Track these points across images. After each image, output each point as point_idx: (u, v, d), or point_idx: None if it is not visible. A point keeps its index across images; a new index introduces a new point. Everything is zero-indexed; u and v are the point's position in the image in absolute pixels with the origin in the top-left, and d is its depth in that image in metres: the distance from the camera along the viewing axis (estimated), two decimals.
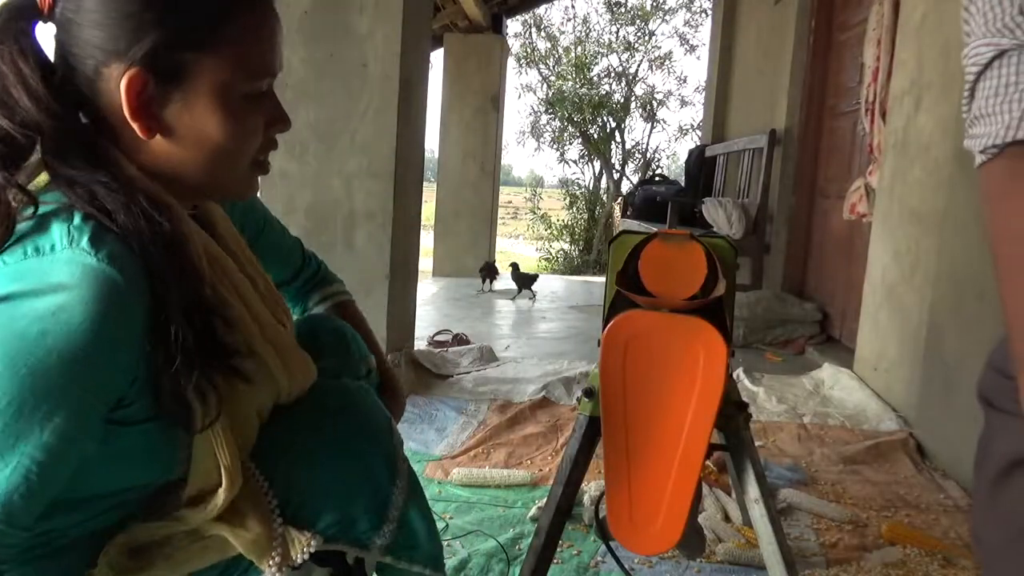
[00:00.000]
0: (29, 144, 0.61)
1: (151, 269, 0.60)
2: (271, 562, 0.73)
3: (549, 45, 13.42)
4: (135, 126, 0.63)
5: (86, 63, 0.62)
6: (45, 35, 0.64)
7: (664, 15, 13.20)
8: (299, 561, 0.74)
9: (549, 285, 6.15)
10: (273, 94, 0.71)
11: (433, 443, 2.15)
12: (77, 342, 0.56)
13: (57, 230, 0.58)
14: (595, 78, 13.19)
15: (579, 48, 13.27)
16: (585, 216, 13.19)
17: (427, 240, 4.88)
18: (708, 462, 1.85)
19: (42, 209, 0.59)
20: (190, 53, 0.63)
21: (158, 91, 0.63)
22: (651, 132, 13.74)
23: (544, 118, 13.59)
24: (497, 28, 6.27)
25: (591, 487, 1.74)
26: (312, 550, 0.75)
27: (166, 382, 0.62)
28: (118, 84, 0.61)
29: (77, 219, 0.58)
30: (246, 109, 0.67)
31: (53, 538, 0.68)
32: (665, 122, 13.67)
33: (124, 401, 0.63)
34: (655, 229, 1.31)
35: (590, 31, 13.32)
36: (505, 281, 6.24)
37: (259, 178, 0.75)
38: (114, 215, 0.59)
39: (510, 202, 21.17)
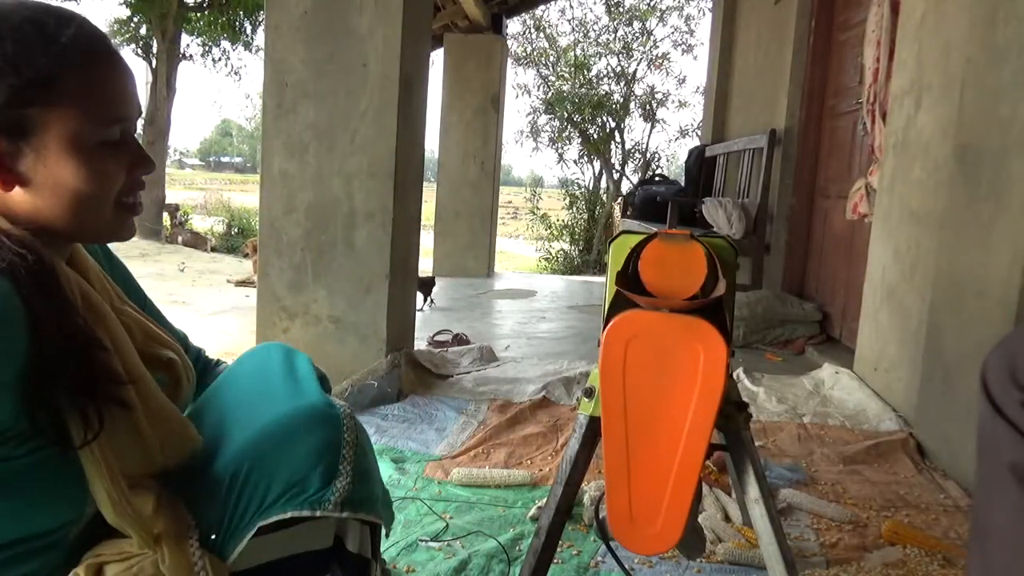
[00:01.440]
0: None
1: (26, 299, 0.63)
2: None
3: (548, 45, 13.42)
4: None
5: None
6: None
7: (662, 15, 13.20)
8: None
9: (549, 285, 6.15)
10: (133, 138, 0.74)
11: (433, 443, 2.15)
12: None
13: None
14: (594, 78, 13.20)
15: (578, 48, 13.27)
16: (585, 216, 13.20)
17: (427, 240, 4.88)
18: (708, 462, 1.85)
19: None
20: (33, 108, 0.66)
21: (9, 147, 0.66)
22: (651, 132, 13.75)
23: (543, 118, 13.60)
24: (497, 28, 6.27)
25: (591, 487, 1.74)
26: None
27: (42, 401, 0.64)
28: None
29: None
30: (101, 155, 0.70)
31: None
32: (665, 122, 13.64)
33: (6, 433, 0.64)
34: (655, 229, 1.31)
35: (589, 31, 13.32)
36: (506, 281, 6.23)
37: (133, 219, 0.77)
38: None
39: (510, 202, 21.17)
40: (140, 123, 0.80)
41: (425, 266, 5.59)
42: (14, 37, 0.65)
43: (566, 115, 13.05)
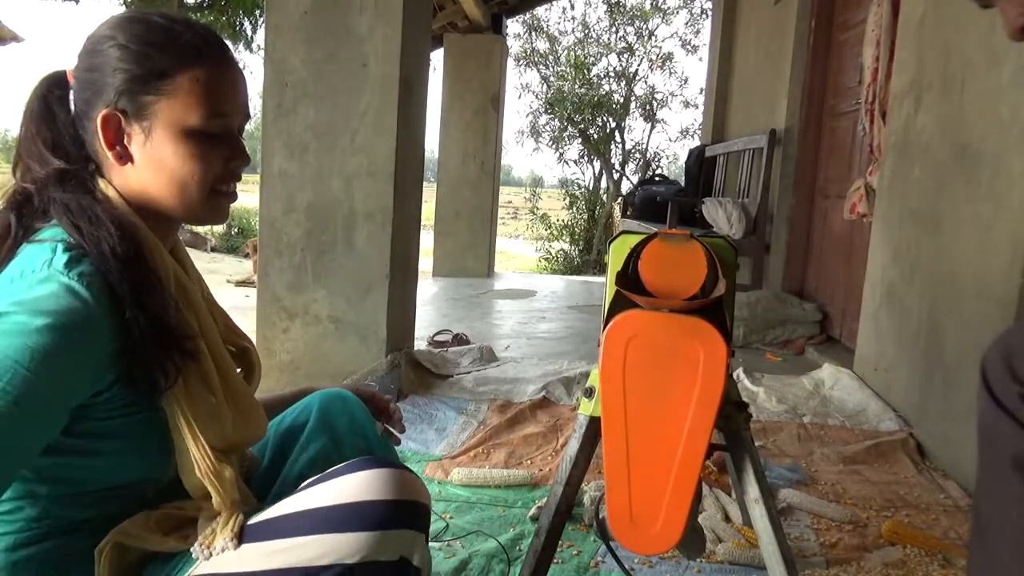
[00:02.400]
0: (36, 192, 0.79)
1: (111, 279, 0.74)
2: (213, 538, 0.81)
3: (549, 45, 13.42)
4: (110, 155, 0.80)
5: (83, 112, 0.81)
6: None
7: (664, 16, 13.21)
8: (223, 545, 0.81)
9: (549, 285, 6.15)
10: (235, 134, 0.86)
11: (433, 443, 2.15)
12: (51, 340, 0.69)
13: (44, 259, 0.73)
14: (595, 78, 13.20)
15: (579, 48, 13.27)
16: (585, 216, 13.20)
17: (427, 240, 4.88)
18: (708, 462, 1.85)
19: (39, 238, 0.76)
20: (148, 96, 0.79)
21: (126, 127, 0.80)
22: (651, 132, 13.75)
23: (544, 118, 13.60)
24: (497, 28, 6.27)
25: (591, 487, 1.74)
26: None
27: (133, 360, 0.76)
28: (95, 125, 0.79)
29: (59, 249, 0.74)
30: (200, 144, 0.81)
31: (65, 523, 0.81)
32: (665, 122, 13.67)
33: (101, 394, 0.76)
34: (655, 229, 1.31)
35: (589, 31, 13.32)
36: (506, 281, 6.24)
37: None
38: (83, 230, 0.75)
39: (510, 202, 21.18)
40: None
41: (425, 266, 5.59)
42: (145, 37, 0.79)
43: (566, 115, 13.05)
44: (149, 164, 0.80)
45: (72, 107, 0.82)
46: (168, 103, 0.79)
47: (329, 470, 0.84)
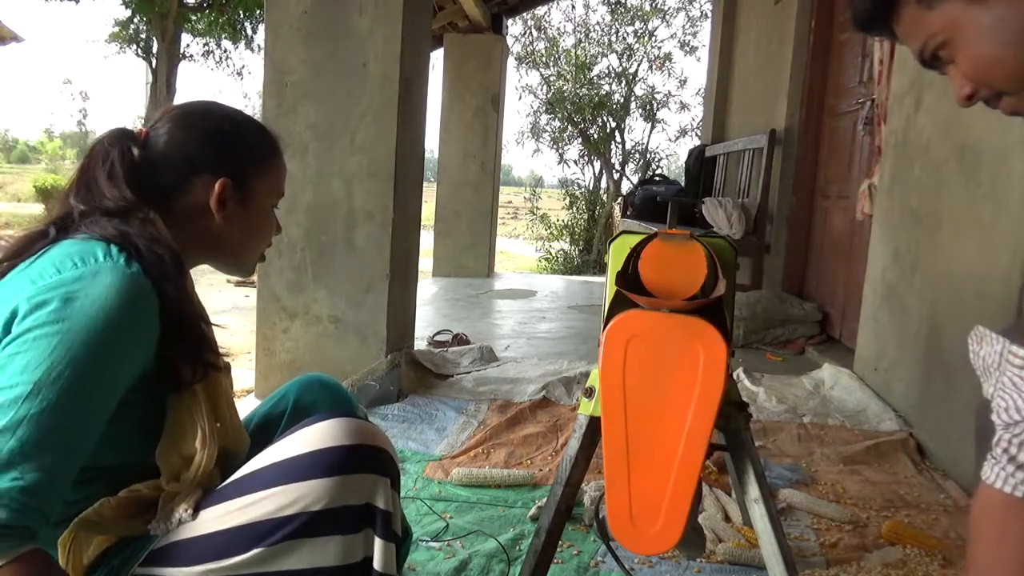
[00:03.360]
0: (85, 212, 0.88)
1: (157, 285, 0.84)
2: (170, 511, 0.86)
3: (549, 45, 13.42)
4: (216, 212, 0.95)
5: (174, 170, 0.94)
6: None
7: (664, 16, 13.20)
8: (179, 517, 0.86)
9: (549, 285, 6.15)
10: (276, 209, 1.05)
11: (433, 443, 2.15)
12: (114, 317, 0.77)
13: (101, 252, 0.82)
14: (595, 78, 13.19)
15: (579, 48, 13.27)
16: (585, 216, 13.19)
17: (427, 240, 4.88)
18: (708, 462, 1.85)
19: (83, 238, 0.84)
20: (250, 173, 0.98)
21: (232, 194, 0.96)
22: (651, 132, 13.75)
23: (544, 118, 13.60)
24: (497, 28, 6.27)
25: (591, 487, 1.74)
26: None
27: (167, 357, 0.85)
28: (206, 185, 0.94)
29: (113, 248, 0.83)
30: (269, 215, 1.03)
31: (69, 506, 0.84)
32: (665, 122, 13.66)
33: (135, 385, 0.83)
34: (655, 229, 1.31)
35: (590, 31, 13.32)
36: (506, 281, 6.24)
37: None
38: (139, 249, 0.84)
39: (510, 202, 21.18)
40: (140, 123, 0.97)
41: (425, 266, 5.60)
42: (248, 129, 1.00)
43: (566, 115, 13.05)
44: (238, 223, 0.98)
45: (139, 158, 0.93)
46: (261, 181, 0.99)
47: (288, 430, 0.88)
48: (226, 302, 5.19)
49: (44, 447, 0.71)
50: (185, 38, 14.73)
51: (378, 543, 0.86)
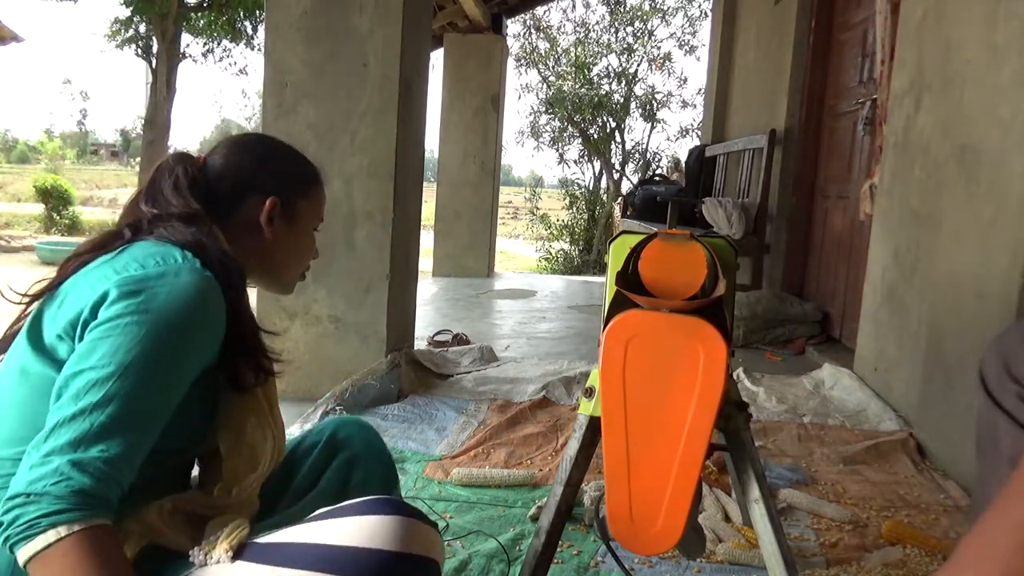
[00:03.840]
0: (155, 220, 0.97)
1: (226, 295, 0.91)
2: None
3: (549, 45, 13.42)
4: (265, 228, 1.04)
5: (229, 188, 1.03)
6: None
7: (663, 16, 13.20)
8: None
9: (549, 285, 6.15)
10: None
11: (433, 443, 2.15)
12: (194, 312, 0.85)
13: (178, 255, 0.89)
14: (595, 78, 13.19)
15: (579, 48, 13.27)
16: (585, 216, 13.19)
17: (427, 240, 4.88)
18: (708, 462, 1.85)
19: (161, 241, 0.92)
20: (298, 196, 1.08)
21: (279, 212, 1.05)
22: (651, 132, 13.75)
23: (544, 118, 13.60)
24: (497, 28, 6.27)
25: (591, 487, 1.74)
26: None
27: (230, 360, 0.92)
28: (257, 203, 1.03)
29: (190, 254, 0.90)
30: (311, 237, 1.12)
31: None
32: (665, 122, 13.66)
33: (196, 379, 0.88)
34: (655, 229, 1.31)
35: (589, 31, 13.32)
36: (506, 281, 6.24)
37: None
38: (211, 257, 0.92)
39: (510, 202, 21.18)
40: (140, 123, 0.97)
41: (425, 266, 5.60)
42: (295, 157, 1.11)
43: (566, 115, 13.05)
44: (283, 242, 1.06)
45: (199, 176, 1.02)
46: (305, 204, 1.08)
47: (343, 504, 0.84)
48: None
49: (128, 425, 0.77)
50: (185, 38, 14.73)
51: None
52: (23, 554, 0.70)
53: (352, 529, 0.80)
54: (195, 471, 1.01)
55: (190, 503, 0.91)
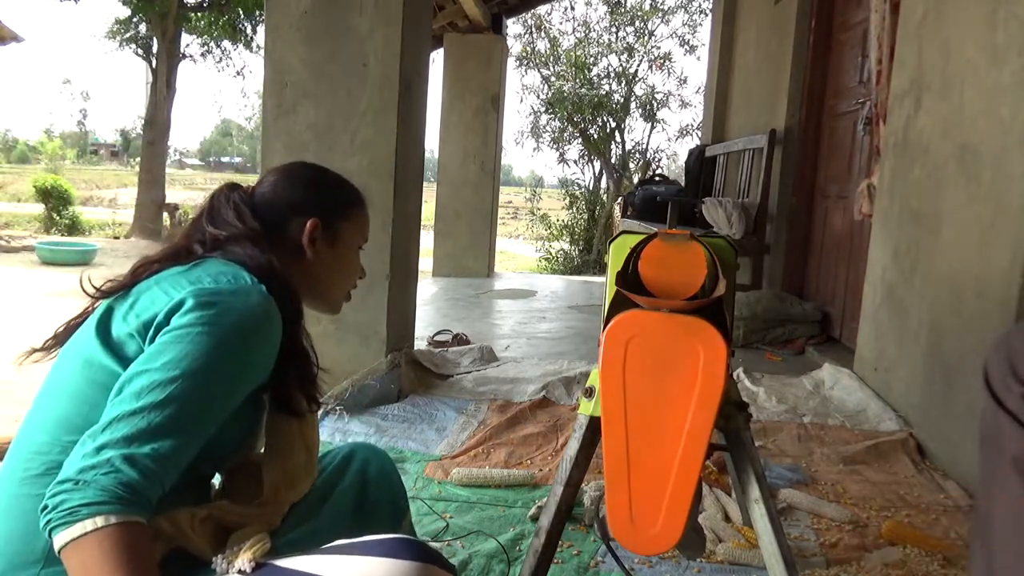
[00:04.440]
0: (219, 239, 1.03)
1: (284, 316, 0.96)
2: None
3: (549, 45, 13.42)
4: (307, 248, 1.08)
5: (277, 212, 1.08)
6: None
7: (663, 16, 13.20)
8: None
9: (549, 285, 6.15)
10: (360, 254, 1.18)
11: (433, 443, 2.15)
12: (258, 331, 0.90)
13: (247, 277, 0.95)
14: (595, 78, 13.19)
15: (579, 49, 13.27)
16: (585, 216, 13.19)
17: (427, 240, 4.88)
18: (708, 462, 1.85)
19: (231, 261, 0.98)
20: (339, 218, 1.12)
21: (321, 233, 1.09)
22: (651, 132, 13.75)
23: (544, 118, 13.59)
24: (497, 28, 6.27)
25: (591, 487, 1.74)
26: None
27: (283, 384, 0.98)
28: (300, 225, 1.08)
29: (255, 277, 0.95)
30: (354, 257, 1.18)
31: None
32: (665, 122, 13.66)
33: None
34: (655, 229, 1.31)
35: (590, 31, 13.32)
36: (506, 281, 6.24)
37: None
38: (274, 283, 0.97)
39: (510, 202, 21.19)
40: (140, 123, 0.98)
41: (425, 266, 5.60)
42: (337, 181, 1.16)
43: (566, 115, 13.05)
44: (326, 263, 1.11)
45: (256, 202, 1.09)
46: (347, 225, 1.13)
47: (367, 540, 0.84)
48: None
49: (181, 429, 0.80)
50: (185, 38, 14.73)
51: None
52: (60, 539, 0.71)
53: (376, 571, 0.80)
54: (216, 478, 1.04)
55: (222, 512, 0.93)
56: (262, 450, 1.04)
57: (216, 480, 1.03)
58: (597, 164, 13.82)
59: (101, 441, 0.76)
